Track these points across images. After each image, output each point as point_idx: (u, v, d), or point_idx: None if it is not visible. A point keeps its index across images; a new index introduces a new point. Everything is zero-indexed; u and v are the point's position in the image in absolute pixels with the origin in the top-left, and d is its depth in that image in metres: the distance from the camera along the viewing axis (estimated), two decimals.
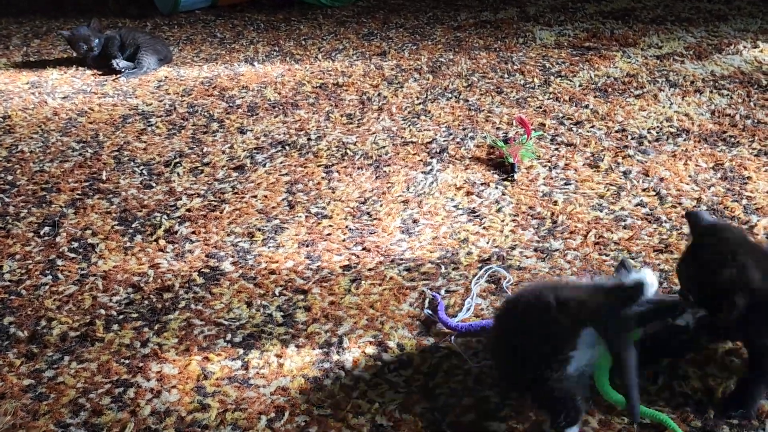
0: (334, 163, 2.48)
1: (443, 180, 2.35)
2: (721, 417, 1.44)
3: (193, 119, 2.88)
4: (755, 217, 2.08)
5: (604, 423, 1.44)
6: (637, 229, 2.06)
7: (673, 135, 2.59)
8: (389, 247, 2.02)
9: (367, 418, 1.46)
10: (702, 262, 1.40)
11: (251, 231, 2.11)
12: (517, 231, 2.08)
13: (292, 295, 1.84)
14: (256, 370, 1.60)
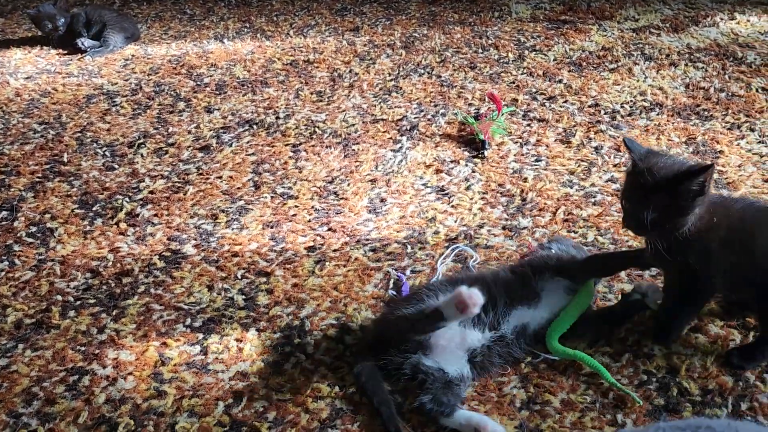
0: (302, 142, 2.43)
1: (412, 158, 2.31)
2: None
3: (159, 99, 2.81)
4: (726, 192, 2.06)
5: (567, 402, 1.43)
6: (607, 205, 2.03)
7: (646, 109, 2.56)
8: (355, 227, 1.99)
9: (326, 402, 1.44)
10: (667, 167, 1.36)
11: (215, 213, 2.07)
12: (486, 209, 2.05)
13: (255, 277, 1.80)
14: (215, 355, 1.57)
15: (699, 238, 1.39)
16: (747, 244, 1.40)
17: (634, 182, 1.42)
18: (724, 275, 1.42)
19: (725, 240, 1.39)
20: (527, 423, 1.38)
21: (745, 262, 1.40)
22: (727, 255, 1.39)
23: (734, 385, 1.44)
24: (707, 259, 1.40)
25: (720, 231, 1.38)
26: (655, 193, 1.36)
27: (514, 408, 1.41)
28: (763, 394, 1.42)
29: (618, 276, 1.75)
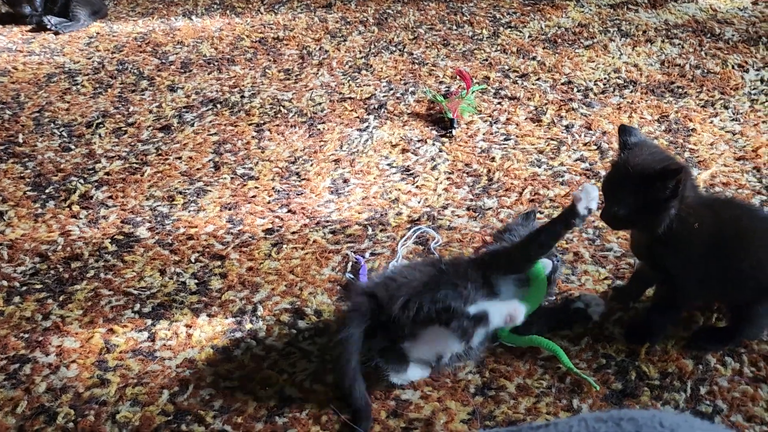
0: (266, 122, 2.36)
1: (379, 137, 2.25)
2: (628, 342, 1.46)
3: (122, 77, 2.72)
4: (696, 171, 2.02)
5: (522, 388, 1.39)
6: (575, 185, 1.98)
7: (619, 87, 2.50)
8: (316, 208, 1.93)
9: (275, 390, 1.39)
10: (641, 164, 1.31)
11: (172, 194, 2.00)
12: (451, 189, 1.99)
13: (209, 261, 1.74)
14: (163, 341, 1.52)
15: (678, 242, 1.33)
16: (735, 255, 1.33)
17: (613, 173, 1.37)
18: (703, 284, 1.37)
19: (708, 248, 1.33)
20: (481, 409, 1.34)
21: (732, 273, 1.34)
22: (709, 264, 1.33)
23: (694, 369, 1.41)
24: (685, 265, 1.35)
25: (703, 237, 1.32)
26: (626, 190, 1.31)
27: (468, 394, 1.37)
28: (723, 378, 1.38)
29: (582, 258, 1.71)
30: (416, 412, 1.34)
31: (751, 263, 1.33)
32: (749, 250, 1.33)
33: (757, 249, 1.33)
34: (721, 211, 1.37)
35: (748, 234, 1.34)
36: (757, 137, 2.15)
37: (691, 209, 1.32)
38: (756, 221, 1.38)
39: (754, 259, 1.33)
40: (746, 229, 1.35)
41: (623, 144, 1.38)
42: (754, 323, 1.40)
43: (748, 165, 2.03)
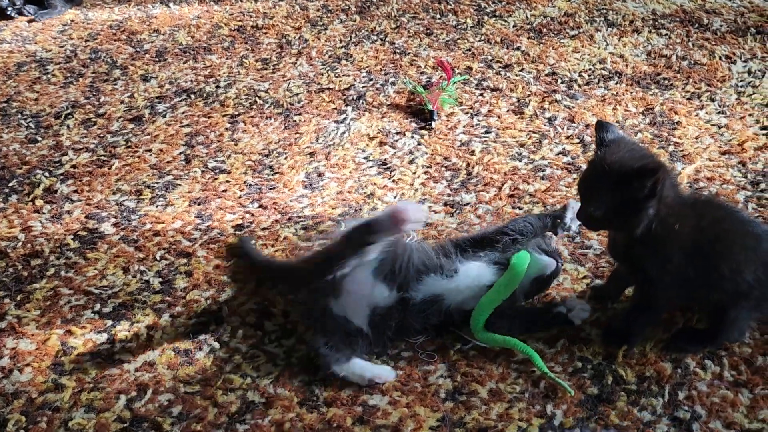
0: (241, 113, 2.29)
1: (356, 129, 2.18)
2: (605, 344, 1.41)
3: (94, 66, 2.64)
4: (680, 165, 1.97)
5: (494, 393, 1.34)
6: (556, 179, 1.93)
7: (604, 78, 2.44)
8: (288, 203, 1.87)
9: (237, 395, 1.33)
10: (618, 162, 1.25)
11: (140, 188, 1.94)
12: (429, 184, 1.94)
13: (174, 258, 1.68)
14: (122, 343, 1.45)
15: (657, 243, 1.28)
16: (715, 258, 1.29)
17: (589, 171, 1.32)
18: (681, 286, 1.32)
19: (688, 250, 1.28)
20: (450, 415, 1.29)
21: (711, 276, 1.30)
22: (688, 266, 1.28)
23: (672, 372, 1.36)
24: (664, 267, 1.30)
25: (682, 239, 1.28)
26: (602, 189, 1.26)
27: (438, 399, 1.32)
28: (702, 382, 1.34)
29: (561, 255, 1.65)
30: (383, 419, 1.28)
31: (731, 266, 1.28)
32: (730, 253, 1.28)
33: (737, 252, 1.28)
34: (702, 212, 1.32)
35: (729, 236, 1.29)
36: (743, 131, 2.10)
37: (670, 209, 1.27)
38: (737, 224, 1.34)
39: (734, 263, 1.28)
40: (727, 232, 1.30)
41: (600, 141, 1.33)
42: (735, 326, 1.35)
43: (733, 159, 1.98)
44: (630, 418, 1.27)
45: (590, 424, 1.27)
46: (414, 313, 1.41)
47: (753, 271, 1.28)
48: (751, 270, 1.28)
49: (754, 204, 1.79)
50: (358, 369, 1.31)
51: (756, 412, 1.28)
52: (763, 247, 1.31)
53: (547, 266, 1.43)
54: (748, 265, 1.29)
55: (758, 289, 1.30)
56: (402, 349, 1.43)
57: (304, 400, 1.32)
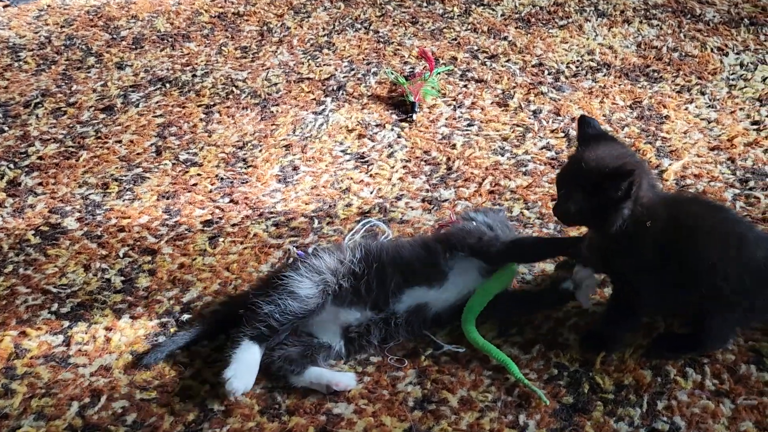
0: (216, 103, 2.22)
1: (335, 121, 2.11)
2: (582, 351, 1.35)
3: (68, 53, 2.56)
4: (667, 161, 1.90)
5: (465, 401, 1.28)
6: (538, 175, 1.86)
7: (592, 70, 2.37)
8: (260, 198, 1.80)
9: (196, 402, 1.27)
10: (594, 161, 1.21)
11: (107, 181, 1.87)
12: (407, 179, 1.87)
13: (138, 256, 1.61)
14: (78, 346, 1.39)
15: (630, 243, 1.23)
16: (690, 258, 1.23)
17: (567, 167, 1.28)
18: (657, 289, 1.26)
19: (661, 249, 1.22)
20: (418, 425, 1.23)
21: (686, 278, 1.24)
22: (665, 267, 1.23)
23: (652, 381, 1.30)
24: (638, 268, 1.25)
25: (655, 238, 1.22)
26: (578, 186, 1.21)
27: (406, 408, 1.26)
28: (683, 391, 1.28)
29: None
30: (348, 429, 1.23)
31: (707, 267, 1.21)
32: (706, 252, 1.22)
33: (715, 252, 1.22)
34: (679, 208, 1.26)
35: (707, 235, 1.23)
36: (733, 125, 2.03)
37: (645, 209, 1.22)
38: (719, 222, 1.27)
39: (710, 263, 1.21)
40: (705, 229, 1.23)
41: (582, 137, 1.27)
42: (716, 333, 1.29)
43: (722, 155, 1.91)
44: (606, 429, 1.22)
45: None
46: (398, 326, 1.34)
47: (735, 275, 1.22)
48: (733, 274, 1.22)
49: (742, 203, 1.73)
50: (315, 377, 1.25)
51: (738, 424, 1.22)
52: (748, 250, 1.25)
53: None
54: (728, 267, 1.22)
55: (742, 297, 1.23)
56: (371, 354, 1.37)
57: (265, 408, 1.26)
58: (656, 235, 1.23)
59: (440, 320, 1.37)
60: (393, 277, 1.32)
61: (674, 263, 1.23)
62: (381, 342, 1.34)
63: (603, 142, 1.25)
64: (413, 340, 1.39)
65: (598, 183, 1.19)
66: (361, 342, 1.33)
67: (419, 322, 1.35)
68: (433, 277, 1.35)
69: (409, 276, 1.33)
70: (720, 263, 1.23)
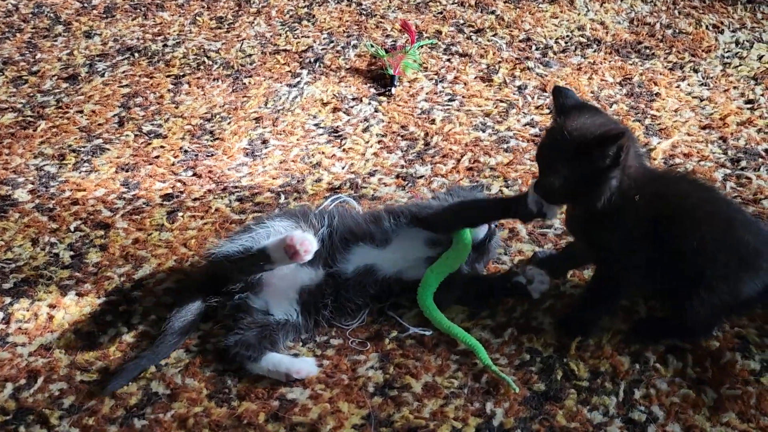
0: (186, 74, 2.11)
1: (309, 94, 2.01)
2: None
3: (35, 21, 2.45)
4: (656, 139, 1.81)
5: (430, 387, 1.19)
6: (520, 152, 1.77)
7: (582, 46, 2.27)
8: (225, 172, 1.70)
9: (139, 385, 1.18)
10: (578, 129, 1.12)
11: (64, 152, 1.77)
12: (381, 154, 1.77)
13: (91, 230, 1.52)
14: (19, 324, 1.30)
15: (617, 217, 1.15)
16: (677, 237, 1.15)
17: (547, 140, 1.19)
18: (640, 267, 1.19)
19: (648, 226, 1.15)
20: (377, 412, 1.14)
21: (672, 259, 1.16)
22: (647, 245, 1.16)
23: (630, 368, 1.21)
24: (623, 244, 1.17)
25: (643, 213, 1.15)
26: (562, 158, 1.12)
27: (366, 393, 1.18)
28: (662, 380, 1.20)
29: (518, 235, 1.50)
30: (301, 415, 1.14)
31: (692, 248, 1.13)
32: (693, 232, 1.13)
33: (702, 233, 1.14)
34: (667, 184, 1.18)
35: (694, 214, 1.15)
36: (726, 104, 1.94)
37: (632, 181, 1.13)
38: (708, 202, 1.19)
39: (696, 244, 1.13)
40: (693, 208, 1.15)
41: (559, 108, 1.18)
42: (698, 318, 1.20)
43: (713, 134, 1.82)
44: (579, 419, 1.13)
45: (533, 425, 1.13)
46: (348, 288, 1.27)
47: (720, 258, 1.14)
48: (718, 256, 1.14)
49: (733, 183, 1.64)
50: (273, 364, 1.17)
51: (720, 415, 1.14)
52: (735, 233, 1.17)
53: (479, 230, 1.31)
54: (713, 249, 1.14)
55: (725, 281, 1.15)
56: (331, 336, 1.28)
57: (214, 393, 1.17)
58: (642, 210, 1.15)
59: (390, 289, 1.29)
60: (340, 230, 1.28)
61: (659, 241, 1.15)
62: (335, 310, 1.26)
63: (584, 111, 1.16)
64: (377, 322, 1.30)
65: (583, 152, 1.10)
66: (316, 306, 1.25)
67: (370, 283, 1.28)
68: (378, 237, 1.30)
69: (355, 231, 1.29)
70: (705, 244, 1.15)
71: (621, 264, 1.19)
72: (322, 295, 1.26)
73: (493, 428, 1.12)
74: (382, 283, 1.28)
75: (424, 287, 1.26)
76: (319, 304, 1.26)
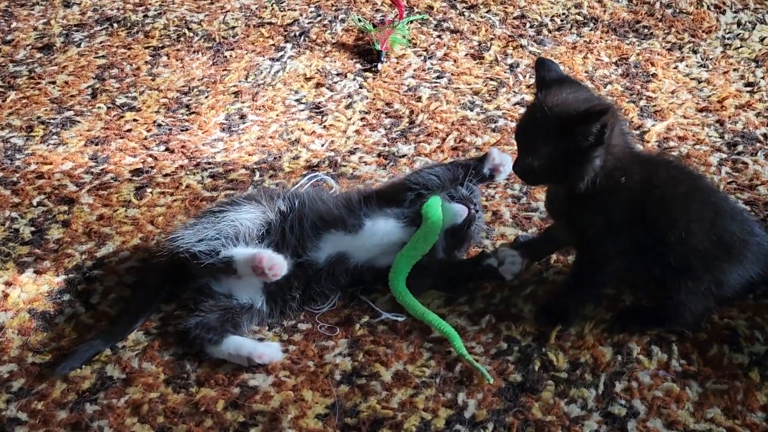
0: (165, 45, 2.03)
1: (292, 68, 1.93)
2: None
3: None
4: (650, 122, 1.74)
5: (400, 376, 1.13)
6: (508, 132, 1.70)
7: (578, 24, 2.18)
8: (200, 147, 1.63)
9: (93, 369, 1.13)
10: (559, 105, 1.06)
11: (32, 124, 1.70)
12: (364, 132, 1.70)
13: (54, 205, 1.45)
14: None
15: (601, 199, 1.08)
16: (663, 223, 1.09)
17: (527, 117, 1.12)
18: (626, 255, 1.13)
19: (634, 210, 1.09)
20: (343, 402, 1.08)
21: (657, 246, 1.10)
22: (634, 230, 1.09)
23: (612, 359, 1.15)
24: (608, 227, 1.10)
25: (629, 196, 1.09)
26: (542, 136, 1.05)
27: (332, 381, 1.12)
28: (645, 372, 1.13)
29: (502, 218, 1.44)
30: (262, 403, 1.08)
31: (679, 236, 1.07)
32: (681, 219, 1.07)
33: (689, 221, 1.08)
34: (655, 168, 1.11)
35: (683, 201, 1.08)
36: (724, 86, 1.86)
37: (618, 161, 1.06)
38: (696, 190, 1.13)
39: (682, 232, 1.07)
40: (682, 195, 1.09)
41: (541, 81, 1.10)
42: (682, 307, 1.14)
43: (710, 117, 1.75)
44: (555, 412, 1.07)
45: (507, 417, 1.07)
46: (319, 277, 1.20)
47: (705, 246, 1.08)
48: (703, 245, 1.08)
49: (729, 168, 1.57)
50: (234, 348, 1.11)
51: (704, 410, 1.08)
52: (722, 222, 1.11)
53: (457, 214, 1.23)
54: (698, 238, 1.08)
55: (709, 270, 1.09)
56: (300, 321, 1.22)
57: (172, 378, 1.11)
58: (628, 193, 1.08)
59: (362, 277, 1.23)
60: (310, 216, 1.21)
61: (643, 227, 1.09)
62: (303, 299, 1.20)
63: (566, 86, 1.08)
64: (349, 307, 1.24)
65: (565, 130, 1.03)
66: (283, 296, 1.19)
67: (341, 272, 1.21)
68: (349, 222, 1.22)
69: (326, 217, 1.22)
70: (691, 233, 1.09)
71: (603, 249, 1.12)
72: (290, 287, 1.20)
73: (465, 420, 1.06)
74: (354, 271, 1.22)
75: (396, 272, 1.20)
76: (287, 295, 1.20)
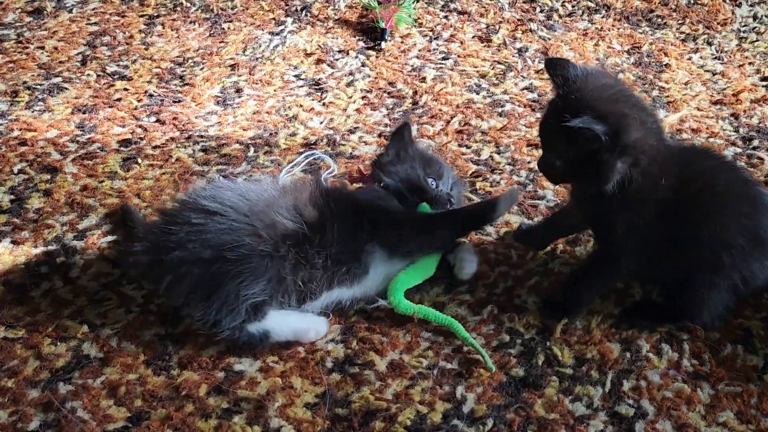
0: (161, 14, 1.95)
1: (292, 43, 1.86)
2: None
3: None
4: (663, 112, 1.67)
5: (395, 366, 1.06)
6: (516, 117, 1.63)
7: (590, 10, 2.11)
8: (192, 120, 1.56)
9: (70, 346, 1.05)
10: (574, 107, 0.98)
11: (17, 89, 1.62)
12: (365, 111, 1.63)
13: (36, 174, 1.38)
14: None
15: (634, 198, 1.02)
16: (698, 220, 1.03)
17: (547, 115, 1.05)
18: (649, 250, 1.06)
19: (668, 206, 1.03)
20: (333, 390, 1.02)
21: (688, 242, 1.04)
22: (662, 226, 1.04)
23: (620, 356, 1.09)
24: (637, 225, 1.04)
25: (663, 193, 1.03)
26: (559, 137, 0.99)
27: (323, 369, 1.05)
28: (655, 371, 1.07)
29: None
30: (248, 389, 1.01)
31: (714, 231, 1.01)
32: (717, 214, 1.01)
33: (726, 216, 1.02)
34: (689, 161, 1.05)
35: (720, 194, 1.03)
36: (740, 80, 1.79)
37: (652, 159, 1.00)
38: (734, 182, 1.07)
39: (718, 228, 1.01)
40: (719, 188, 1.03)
41: (555, 82, 1.02)
42: (705, 306, 1.08)
43: (725, 111, 1.68)
44: (559, 409, 1.01)
45: (508, 413, 1.00)
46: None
47: (739, 242, 1.02)
48: (737, 241, 1.02)
49: (743, 163, 1.51)
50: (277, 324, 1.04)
51: (716, 414, 1.02)
52: (759, 216, 1.05)
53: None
54: (734, 234, 1.02)
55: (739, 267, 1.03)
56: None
57: (152, 359, 1.04)
58: (663, 191, 1.02)
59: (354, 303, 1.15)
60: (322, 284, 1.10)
61: (674, 223, 1.02)
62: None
63: (589, 82, 1.01)
64: None
65: (577, 135, 0.96)
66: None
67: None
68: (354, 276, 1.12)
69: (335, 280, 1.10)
70: (727, 229, 1.02)
71: (628, 246, 1.06)
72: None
73: (463, 415, 1.00)
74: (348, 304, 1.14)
75: (395, 289, 1.11)
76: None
